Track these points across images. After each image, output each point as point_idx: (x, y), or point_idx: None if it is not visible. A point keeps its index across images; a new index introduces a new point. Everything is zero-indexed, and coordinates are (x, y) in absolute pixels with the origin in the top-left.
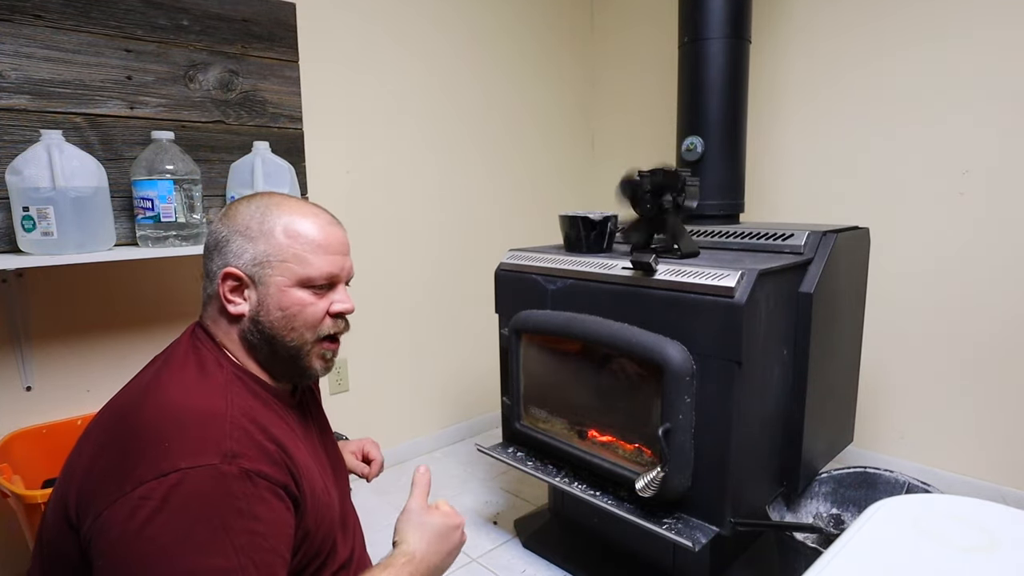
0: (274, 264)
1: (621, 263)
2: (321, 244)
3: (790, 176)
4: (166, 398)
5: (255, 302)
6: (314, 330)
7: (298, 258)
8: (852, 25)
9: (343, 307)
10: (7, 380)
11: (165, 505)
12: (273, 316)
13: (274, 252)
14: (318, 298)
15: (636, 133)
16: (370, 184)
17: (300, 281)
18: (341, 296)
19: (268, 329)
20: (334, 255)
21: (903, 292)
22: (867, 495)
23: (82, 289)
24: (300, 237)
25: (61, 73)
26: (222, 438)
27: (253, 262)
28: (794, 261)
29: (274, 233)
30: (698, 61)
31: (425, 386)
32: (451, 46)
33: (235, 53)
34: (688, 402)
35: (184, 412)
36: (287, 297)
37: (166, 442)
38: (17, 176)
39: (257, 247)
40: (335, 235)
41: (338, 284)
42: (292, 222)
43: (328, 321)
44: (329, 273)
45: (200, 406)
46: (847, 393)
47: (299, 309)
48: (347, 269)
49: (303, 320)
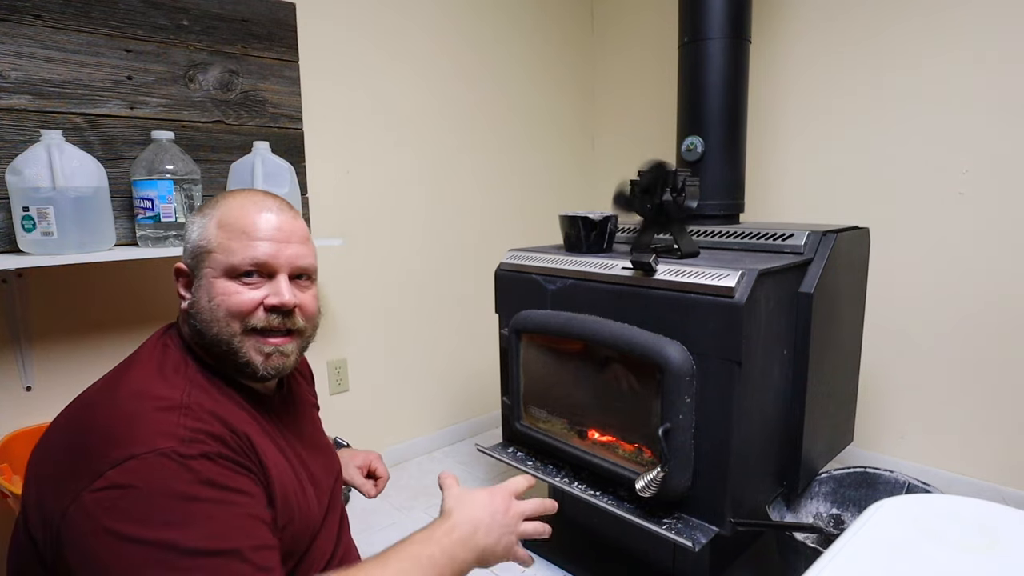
0: (204, 255)
1: (621, 263)
2: (247, 230)
3: (790, 176)
4: (120, 393)
5: (192, 296)
6: (240, 320)
7: (223, 247)
8: (852, 25)
9: (276, 300)
10: (7, 380)
11: (126, 490)
12: (202, 306)
13: (204, 242)
14: (249, 288)
15: (636, 133)
16: (370, 184)
17: (225, 270)
18: (277, 287)
19: (200, 323)
20: (264, 241)
21: (903, 292)
22: (867, 495)
23: (82, 289)
24: (228, 225)
25: (61, 73)
26: (177, 426)
27: (192, 254)
28: (794, 261)
29: (209, 224)
30: (698, 61)
31: (425, 386)
32: (452, 46)
33: (235, 53)
34: (688, 402)
35: (137, 404)
36: (215, 287)
37: (119, 433)
38: (17, 176)
39: (193, 239)
40: (268, 221)
41: (276, 275)
42: (227, 211)
43: (259, 313)
44: (254, 259)
45: (155, 395)
46: (847, 393)
47: (223, 299)
48: (286, 258)
49: (226, 309)
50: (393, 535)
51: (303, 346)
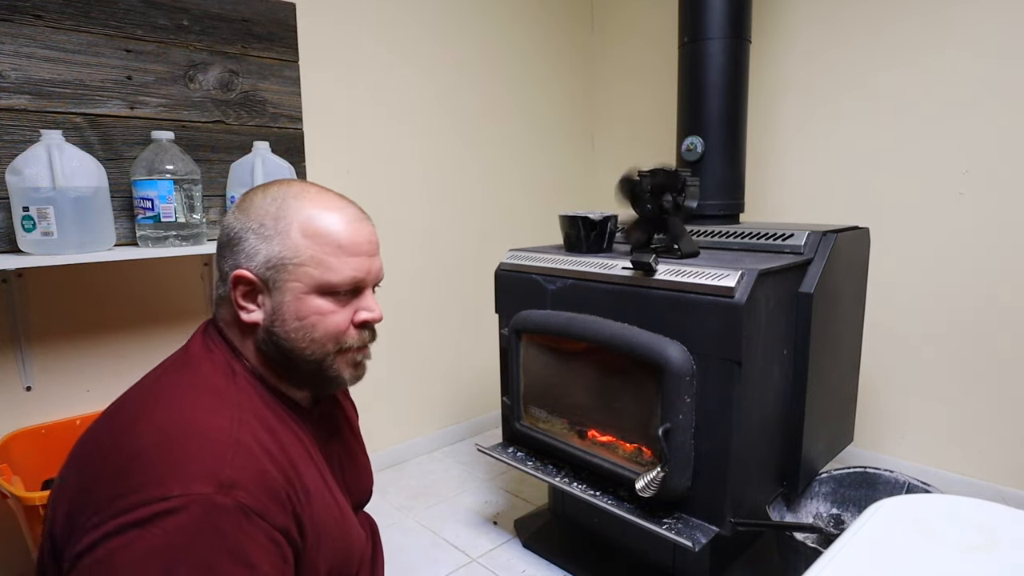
0: (290, 268)
1: (621, 263)
2: (344, 245)
3: (790, 176)
4: (165, 413)
5: (270, 310)
6: (336, 342)
7: (317, 261)
8: (852, 24)
9: (369, 315)
10: (7, 380)
11: (146, 536)
12: (290, 326)
13: (290, 254)
14: (341, 306)
15: (636, 133)
16: (370, 184)
17: (320, 288)
18: (368, 303)
19: (284, 341)
20: (359, 257)
21: (903, 292)
22: (867, 495)
23: (82, 289)
24: (320, 237)
25: (61, 73)
26: (221, 464)
27: (267, 264)
28: (794, 261)
29: (291, 232)
30: (698, 61)
31: (425, 386)
32: (452, 46)
33: (235, 53)
34: (688, 402)
35: (182, 430)
36: (305, 305)
37: (159, 464)
38: (17, 176)
39: (271, 247)
40: (361, 233)
41: (364, 289)
42: (311, 218)
43: (352, 332)
44: (353, 278)
45: (201, 423)
46: (847, 393)
47: (319, 319)
48: (374, 272)
49: (323, 331)
50: (394, 535)
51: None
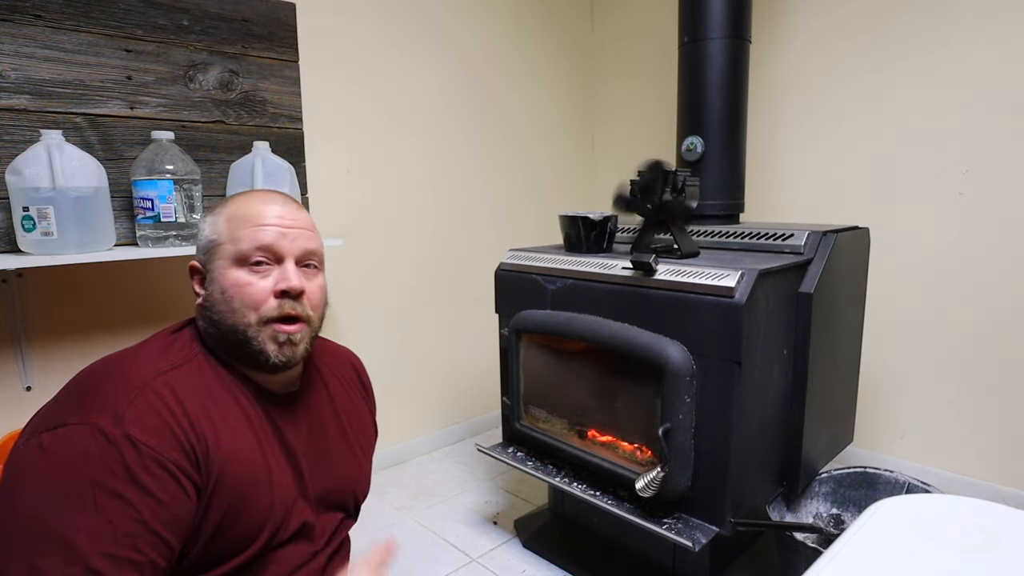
0: (215, 248)
1: (621, 263)
2: (251, 217)
3: (790, 176)
4: (107, 361)
5: (207, 290)
6: (256, 311)
7: (232, 237)
8: (852, 25)
9: (284, 284)
10: (7, 380)
11: (44, 454)
12: (216, 299)
13: (216, 236)
14: (259, 276)
15: (636, 133)
16: (369, 184)
17: (235, 259)
18: (284, 273)
19: (214, 314)
20: (268, 227)
21: (903, 292)
22: (867, 495)
23: (82, 289)
24: (236, 218)
25: (61, 73)
26: (121, 402)
27: (203, 250)
28: (794, 261)
29: (219, 220)
30: (698, 61)
31: (425, 386)
32: (451, 47)
33: (235, 53)
34: (688, 402)
35: (107, 373)
36: (226, 278)
37: (78, 397)
38: (17, 176)
39: (204, 235)
40: (272, 210)
41: (284, 260)
42: (235, 206)
43: (272, 302)
44: (261, 244)
45: (124, 369)
46: (847, 393)
47: (237, 290)
48: (292, 241)
49: (241, 300)
50: (394, 535)
51: (312, 335)
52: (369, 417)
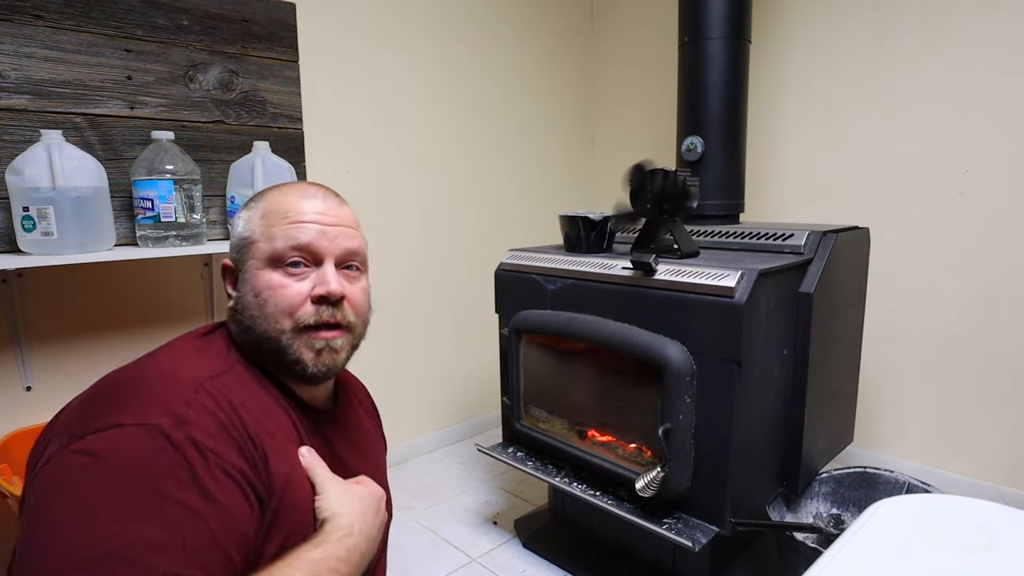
0: (248, 246)
1: (621, 263)
2: (288, 213)
3: (790, 176)
4: (146, 362)
5: (239, 291)
6: (291, 317)
7: (267, 235)
8: (852, 25)
9: (322, 289)
10: (7, 380)
11: (97, 461)
12: (248, 302)
13: (248, 233)
14: (295, 279)
15: (636, 133)
16: (371, 183)
17: (269, 259)
18: (323, 276)
19: (247, 319)
20: (306, 224)
21: (903, 292)
22: (867, 495)
23: (82, 289)
24: (272, 213)
25: (61, 73)
26: (179, 403)
27: (236, 248)
28: (794, 261)
29: (253, 216)
30: (698, 61)
31: (425, 386)
32: (452, 46)
33: (235, 53)
34: (688, 402)
35: (157, 374)
36: (260, 280)
37: (125, 399)
38: (17, 176)
39: (238, 231)
40: (311, 204)
41: (323, 262)
42: (273, 200)
43: (308, 308)
44: (297, 243)
45: (176, 370)
46: (847, 393)
47: (271, 293)
48: (333, 240)
49: (275, 305)
50: (394, 535)
51: (354, 343)
52: (383, 437)
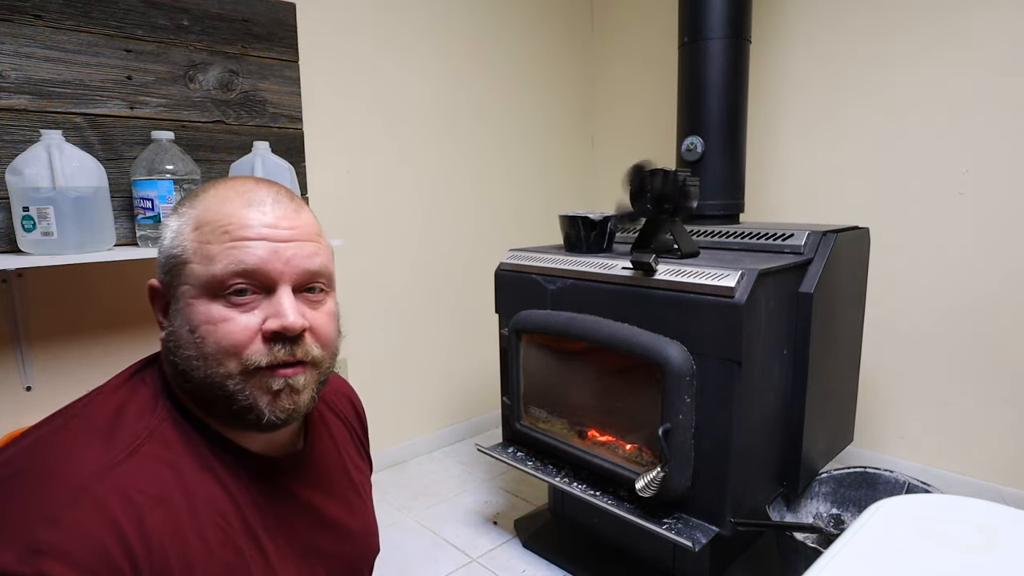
0: (178, 267)
1: (621, 263)
2: (229, 228)
3: (790, 176)
4: (32, 442)
5: (171, 322)
6: (237, 359)
7: (201, 253)
8: (852, 25)
9: (275, 324)
10: (7, 380)
11: None
12: (182, 338)
13: (179, 250)
14: (241, 310)
15: (636, 132)
16: (371, 183)
17: (207, 287)
18: (278, 306)
19: (180, 359)
20: (254, 241)
21: (903, 292)
22: (867, 495)
23: (82, 289)
24: (207, 224)
25: (61, 73)
26: (41, 520)
27: (164, 268)
28: (794, 261)
29: (184, 226)
30: (698, 61)
31: (425, 386)
32: (451, 45)
33: (235, 53)
34: (688, 402)
35: (32, 464)
36: (195, 312)
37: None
38: (17, 176)
39: (165, 245)
40: (258, 214)
41: (276, 287)
42: (208, 206)
43: (257, 346)
44: (241, 266)
45: (56, 463)
46: (847, 393)
47: (209, 329)
48: (288, 261)
49: (215, 344)
50: (394, 535)
51: (320, 379)
52: (366, 458)
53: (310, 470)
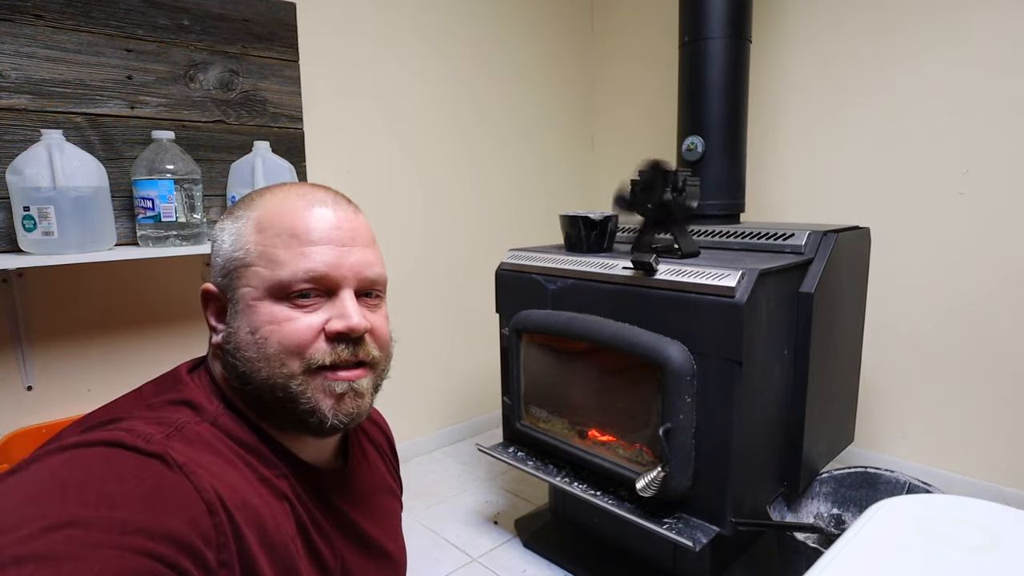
0: (240, 270)
1: (622, 263)
2: (298, 232)
3: (791, 176)
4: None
5: (227, 326)
6: (300, 358)
7: (267, 257)
8: (852, 24)
9: (341, 324)
10: (8, 379)
11: (68, 452)
12: (242, 341)
13: (241, 253)
14: (305, 311)
15: (636, 132)
16: (372, 183)
17: (272, 290)
18: (342, 308)
19: (240, 362)
20: (320, 246)
21: (903, 292)
22: (868, 495)
23: (83, 289)
24: (272, 227)
25: (62, 73)
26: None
27: (223, 271)
28: (795, 261)
29: (245, 229)
30: (698, 61)
31: (425, 386)
32: (451, 45)
33: (235, 53)
34: (689, 402)
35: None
36: (257, 314)
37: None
38: (18, 176)
39: (224, 249)
40: (324, 219)
41: (339, 291)
42: (269, 209)
43: (321, 345)
44: (310, 272)
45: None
46: (848, 393)
47: (273, 329)
48: (351, 267)
49: (278, 344)
50: None
51: (377, 383)
52: (398, 483)
53: (351, 488)
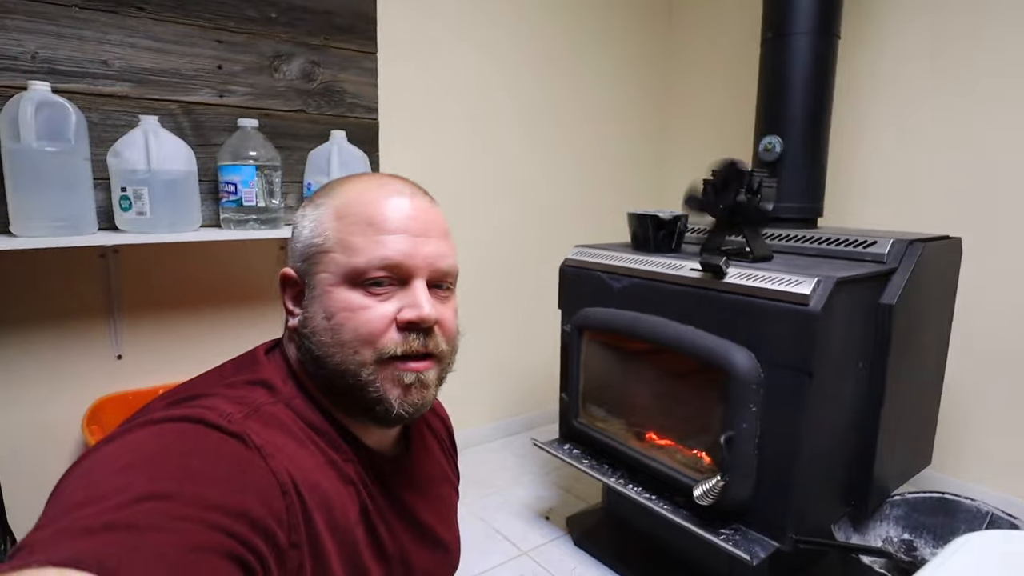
0: (318, 256)
1: (690, 264)
2: (374, 220)
3: (875, 181)
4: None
5: (304, 311)
6: (372, 346)
7: (344, 244)
8: (950, 21)
9: (412, 314)
10: (100, 348)
11: (149, 427)
12: (318, 327)
13: (320, 239)
14: (379, 300)
15: (711, 130)
16: (445, 175)
17: (348, 276)
18: (414, 297)
19: (315, 346)
20: (395, 235)
21: (996, 307)
22: (944, 523)
23: (169, 267)
24: (350, 215)
25: (159, 62)
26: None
27: (302, 256)
28: (876, 270)
29: (324, 216)
30: (782, 57)
31: (487, 377)
32: (526, 42)
33: (317, 44)
34: (753, 411)
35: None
36: (333, 300)
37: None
38: (117, 158)
39: (305, 236)
40: (400, 208)
41: (411, 280)
42: (348, 198)
43: (393, 335)
44: (385, 260)
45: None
46: (927, 413)
47: (347, 316)
48: (424, 257)
49: (352, 331)
50: None
51: (442, 376)
52: (456, 474)
53: (412, 476)
